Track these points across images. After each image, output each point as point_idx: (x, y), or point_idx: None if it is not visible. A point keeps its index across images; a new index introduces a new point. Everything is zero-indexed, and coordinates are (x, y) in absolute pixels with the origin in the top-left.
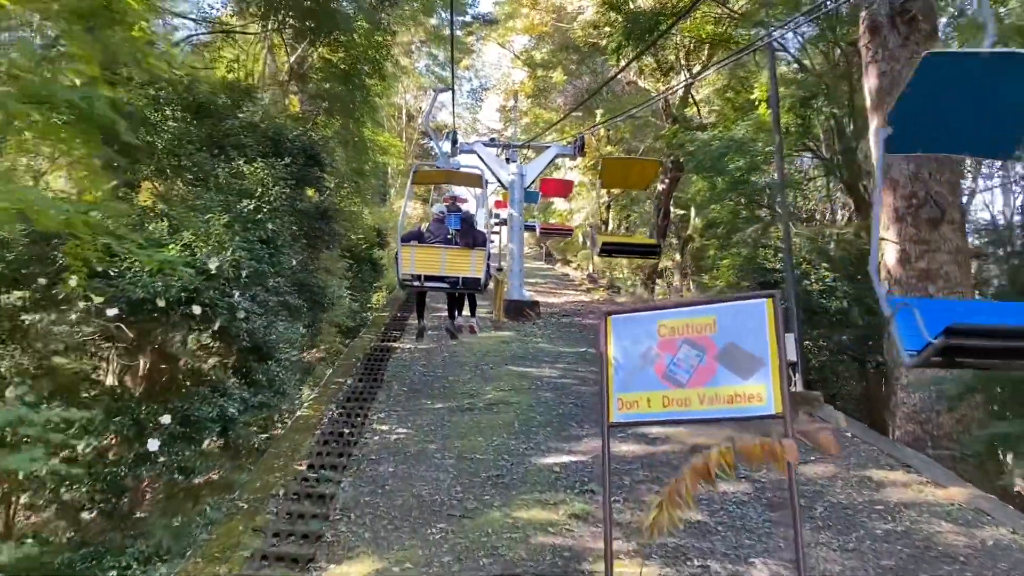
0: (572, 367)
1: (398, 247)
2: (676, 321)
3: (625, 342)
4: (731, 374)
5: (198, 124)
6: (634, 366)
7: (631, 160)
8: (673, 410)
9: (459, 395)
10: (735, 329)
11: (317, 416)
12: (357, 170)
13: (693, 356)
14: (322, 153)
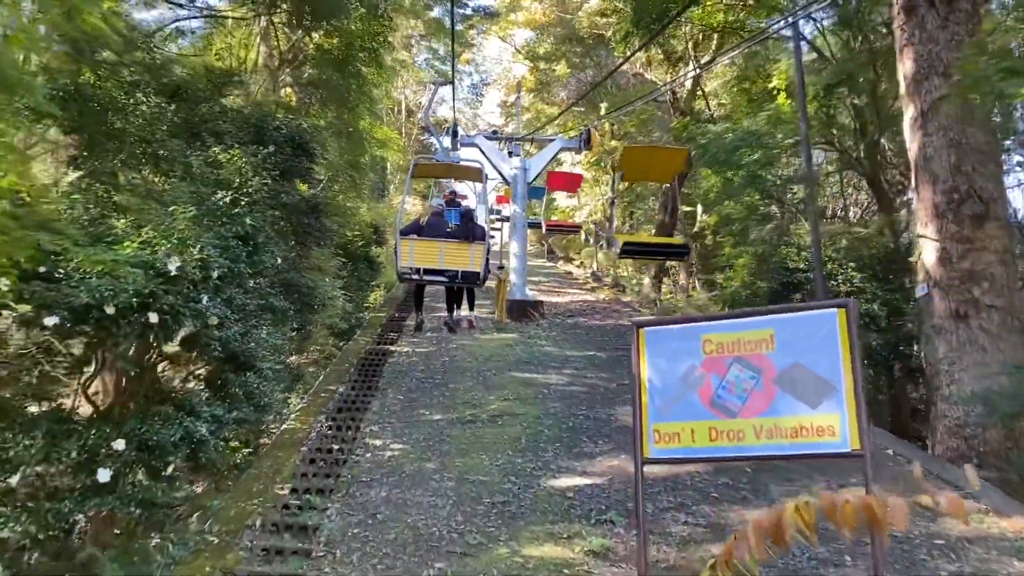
0: (580, 373)
1: (397, 240)
2: (725, 336)
3: (662, 360)
4: (795, 401)
5: (174, 108)
6: (674, 390)
7: (657, 149)
8: (723, 445)
9: (460, 405)
10: (798, 346)
11: (304, 429)
12: (352, 163)
13: (747, 379)
14: (312, 143)
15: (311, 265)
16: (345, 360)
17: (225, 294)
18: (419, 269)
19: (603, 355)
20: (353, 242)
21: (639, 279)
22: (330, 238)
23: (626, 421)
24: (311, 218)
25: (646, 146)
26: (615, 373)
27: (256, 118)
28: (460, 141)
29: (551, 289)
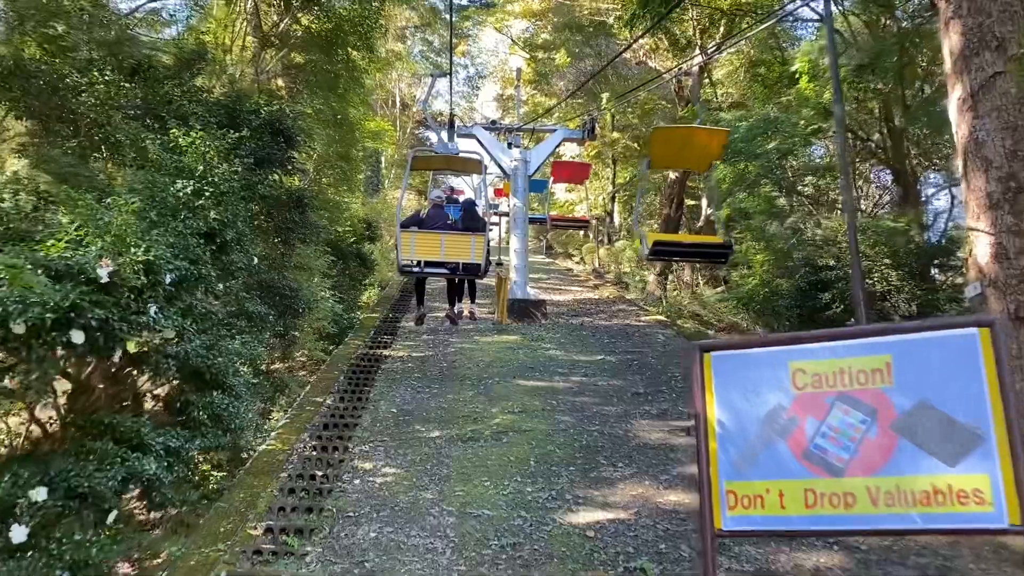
0: (590, 380)
1: (397, 233)
2: (822, 364)
3: (736, 396)
4: (924, 454)
5: (131, 88)
6: (754, 437)
7: (693, 130)
8: (825, 513)
9: (460, 419)
10: (926, 378)
11: (285, 451)
12: (343, 155)
13: (855, 423)
14: (294, 129)
15: (295, 264)
16: (334, 367)
17: (183, 302)
18: (420, 262)
19: (613, 359)
20: (344, 238)
21: (642, 275)
22: (317, 234)
23: (646, 438)
24: (295, 213)
25: (680, 127)
26: (627, 380)
27: (229, 100)
28: (457, 132)
29: (552, 287)
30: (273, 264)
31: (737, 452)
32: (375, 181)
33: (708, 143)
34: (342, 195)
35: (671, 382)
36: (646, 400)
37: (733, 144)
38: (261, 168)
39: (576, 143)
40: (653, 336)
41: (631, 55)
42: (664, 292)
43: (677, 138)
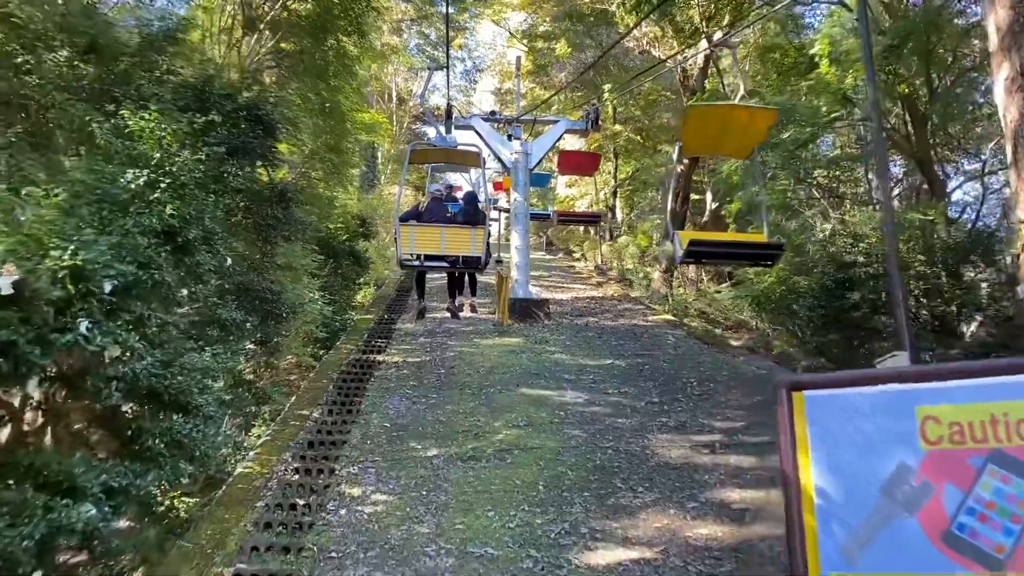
0: (600, 388)
1: (396, 226)
2: (963, 410)
3: (842, 453)
4: None
5: (85, 66)
6: (869, 510)
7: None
8: None
9: (459, 435)
10: None
11: (264, 474)
12: (333, 146)
13: (1019, 495)
14: (274, 116)
15: (279, 264)
16: (323, 375)
17: (130, 313)
18: (420, 255)
19: (622, 364)
20: (335, 236)
21: (646, 272)
22: (303, 231)
23: (666, 455)
24: (277, 208)
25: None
26: (639, 387)
27: (198, 80)
28: (455, 124)
29: (554, 285)
30: (253, 265)
31: (846, 532)
32: (371, 176)
33: (752, 125)
34: (332, 189)
35: (686, 389)
36: (662, 410)
37: None
38: (235, 158)
39: (578, 135)
40: (663, 337)
41: (634, 44)
42: (670, 289)
43: (715, 119)
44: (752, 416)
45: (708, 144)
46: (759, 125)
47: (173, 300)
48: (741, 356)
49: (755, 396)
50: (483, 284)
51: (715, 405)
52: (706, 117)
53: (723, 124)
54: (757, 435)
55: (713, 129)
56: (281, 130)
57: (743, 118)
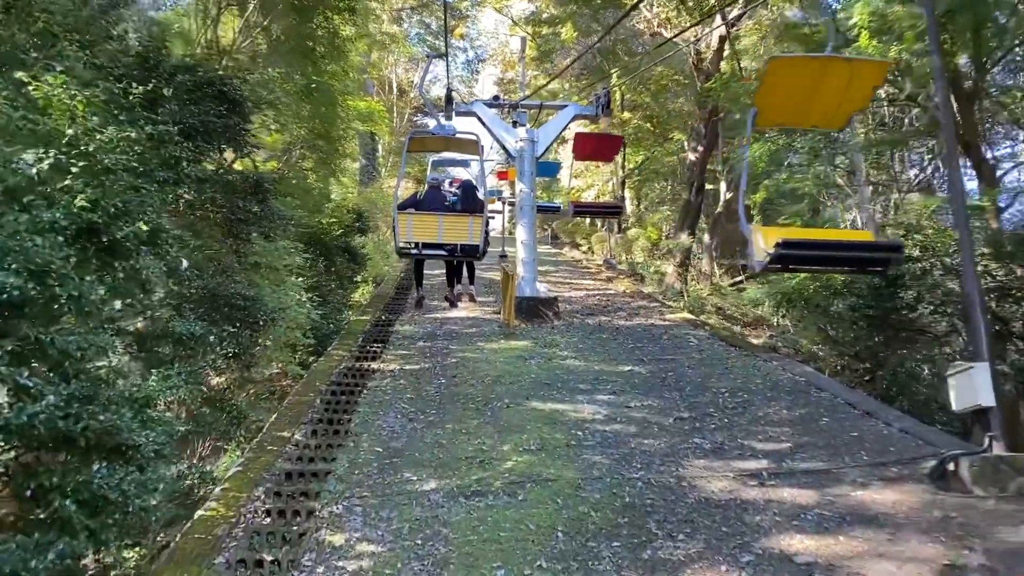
0: (620, 400)
1: (395, 215)
2: None
3: None
4: None
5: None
6: None
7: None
8: None
9: (462, 462)
10: None
11: (229, 518)
12: (322, 134)
13: None
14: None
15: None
16: (310, 387)
17: (21, 341)
18: (418, 243)
19: (642, 371)
20: (327, 231)
21: (657, 266)
22: (284, 227)
23: (706, 488)
24: (252, 201)
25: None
26: (665, 399)
27: (144, 47)
28: (456, 109)
29: (562, 280)
30: (223, 267)
31: None
32: (371, 169)
33: (853, 83)
34: (324, 181)
35: (718, 401)
36: (693, 428)
37: None
38: (193, 141)
39: (588, 121)
40: (684, 339)
41: (644, 26)
42: (685, 285)
43: (805, 73)
44: (800, 435)
45: (792, 108)
46: (864, 83)
47: (97, 316)
48: (775, 361)
49: (797, 409)
50: (487, 280)
51: (753, 421)
52: (793, 71)
53: (815, 81)
54: (810, 459)
55: (800, 89)
56: (253, 110)
57: (842, 73)
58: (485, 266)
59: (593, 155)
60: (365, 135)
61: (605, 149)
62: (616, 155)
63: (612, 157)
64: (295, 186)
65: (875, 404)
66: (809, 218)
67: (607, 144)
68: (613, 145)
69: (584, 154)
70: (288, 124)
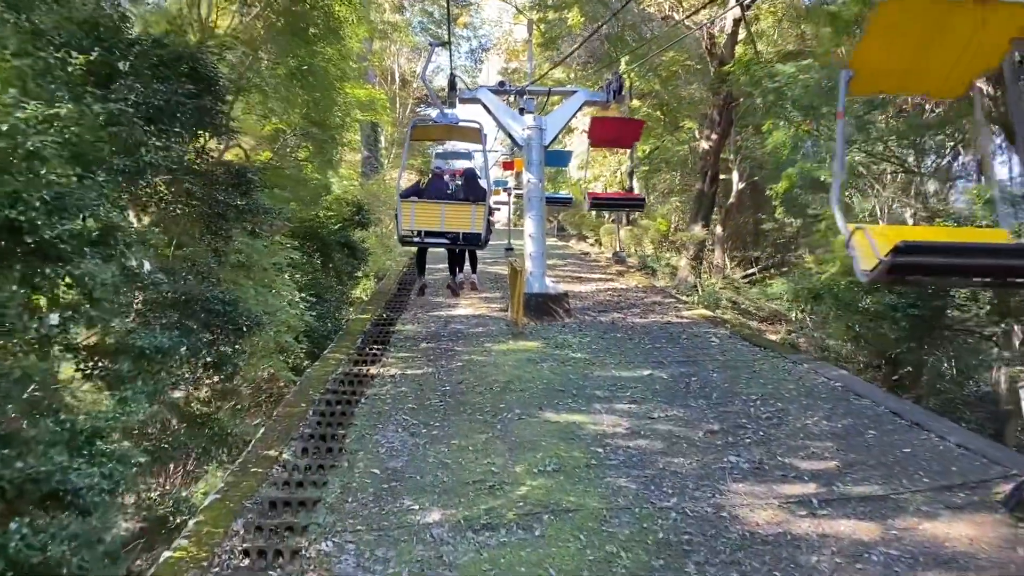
0: (643, 410)
1: (397, 203)
2: None
3: None
4: None
5: None
6: None
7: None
8: None
9: (470, 487)
10: None
11: (201, 561)
12: (317, 121)
13: None
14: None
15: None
16: (302, 396)
17: None
18: (420, 232)
19: (663, 375)
20: (325, 225)
21: (668, 259)
22: (271, 222)
23: (750, 519)
24: (232, 194)
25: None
26: (691, 408)
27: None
28: (459, 96)
29: (571, 275)
30: (198, 268)
31: None
32: (374, 161)
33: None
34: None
35: (749, 410)
36: (727, 443)
37: (803, 99)
38: (157, 124)
39: (599, 107)
40: (704, 338)
41: (656, 9)
42: (699, 279)
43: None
44: (846, 451)
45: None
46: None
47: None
48: (805, 363)
49: (838, 419)
50: (492, 275)
51: (792, 434)
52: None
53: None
54: (863, 482)
55: (915, 42)
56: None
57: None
58: (490, 259)
59: (611, 141)
60: (367, 126)
61: (624, 134)
62: (636, 141)
63: (632, 143)
64: (287, 177)
65: (923, 413)
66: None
67: (626, 129)
68: (633, 130)
69: (601, 140)
70: (278, 109)
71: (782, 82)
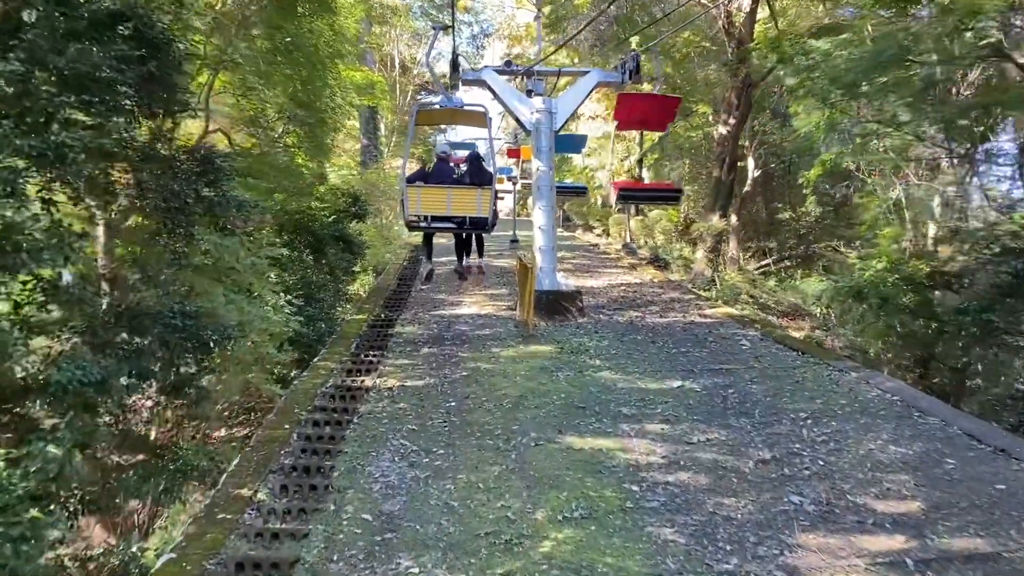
0: (678, 431)
1: (403, 188)
2: None
3: None
4: None
5: None
6: None
7: None
8: None
9: (481, 542)
10: None
11: None
12: (306, 103)
13: None
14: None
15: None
16: (285, 417)
17: None
18: (427, 217)
19: (695, 386)
20: (316, 218)
21: (681, 251)
22: (247, 217)
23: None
24: (193, 184)
25: None
26: (733, 429)
27: None
28: (463, 77)
29: (580, 268)
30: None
31: None
32: (372, 149)
33: None
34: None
35: (801, 431)
36: (783, 476)
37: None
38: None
39: (613, 88)
40: (734, 340)
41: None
42: (716, 272)
43: None
44: (927, 486)
45: None
46: None
47: None
48: (852, 372)
49: (905, 443)
50: (497, 269)
51: (857, 463)
52: None
53: None
54: (960, 532)
55: None
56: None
57: None
58: (495, 252)
59: (641, 123)
60: (366, 112)
61: (658, 114)
62: (671, 121)
63: (666, 124)
64: (271, 165)
65: (1006, 437)
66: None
67: (660, 107)
68: (667, 108)
69: (629, 122)
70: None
71: (817, 59)
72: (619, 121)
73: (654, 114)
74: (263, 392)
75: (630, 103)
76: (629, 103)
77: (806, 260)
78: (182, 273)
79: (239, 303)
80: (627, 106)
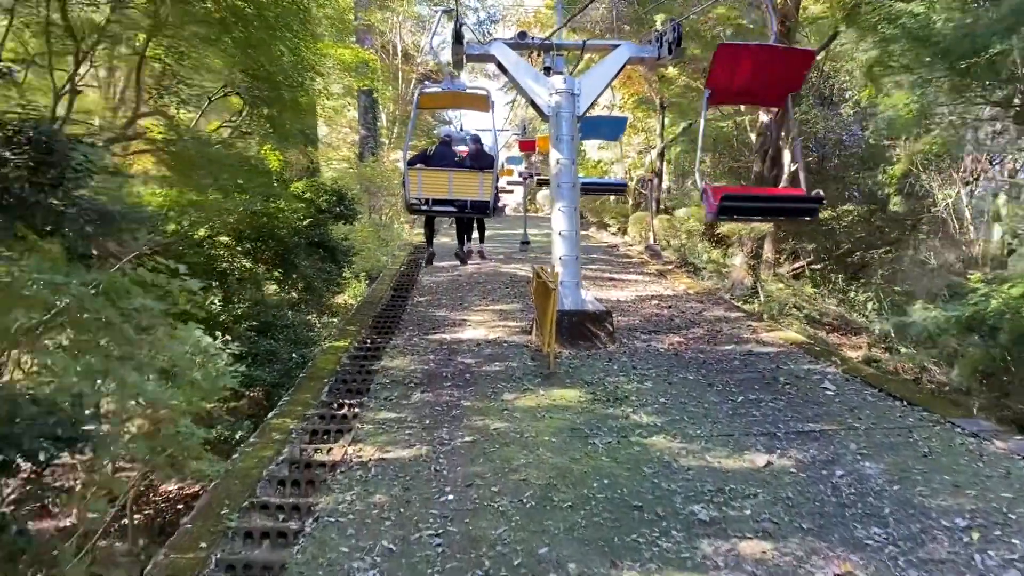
0: (790, 558)
1: (404, 171)
2: None
3: None
4: None
5: None
6: None
7: None
8: None
9: None
10: None
11: None
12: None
13: None
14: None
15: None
16: (203, 530)
17: None
18: (428, 200)
19: (789, 464)
20: (285, 222)
21: (711, 254)
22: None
23: None
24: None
25: None
26: (867, 551)
27: None
28: (467, 51)
29: (601, 276)
30: None
31: None
32: (371, 141)
33: None
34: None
35: (971, 558)
36: None
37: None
38: None
39: (646, 66)
40: (812, 382)
41: None
42: (758, 280)
43: None
44: None
45: None
46: None
47: None
48: (997, 440)
49: None
50: (506, 277)
51: None
52: None
53: None
54: None
55: None
56: None
57: None
58: (502, 256)
59: (747, 93)
60: (363, 100)
61: (779, 76)
62: (797, 90)
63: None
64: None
65: None
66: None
67: (783, 65)
68: (795, 67)
69: (732, 90)
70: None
71: (910, 24)
72: (713, 90)
73: (772, 77)
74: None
75: (735, 58)
76: (733, 58)
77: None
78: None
79: (116, 370)
80: (728, 63)
